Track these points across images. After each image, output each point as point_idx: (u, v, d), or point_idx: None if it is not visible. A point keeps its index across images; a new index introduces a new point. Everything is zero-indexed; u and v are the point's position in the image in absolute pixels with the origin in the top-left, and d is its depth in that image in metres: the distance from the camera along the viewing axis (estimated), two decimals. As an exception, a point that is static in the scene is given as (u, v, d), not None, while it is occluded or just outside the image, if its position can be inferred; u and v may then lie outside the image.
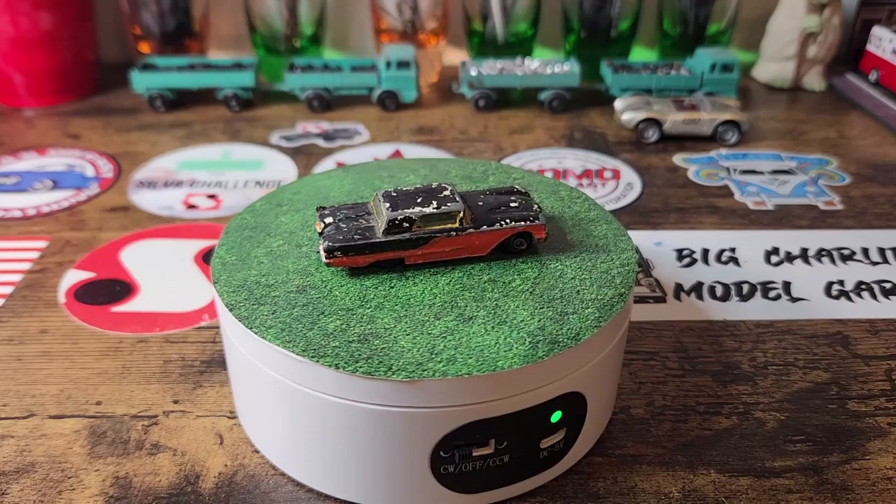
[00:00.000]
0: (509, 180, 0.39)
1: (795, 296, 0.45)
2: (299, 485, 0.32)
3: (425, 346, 0.28)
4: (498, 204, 0.33)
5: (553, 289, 0.30)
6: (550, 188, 0.39)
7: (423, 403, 0.27)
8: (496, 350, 0.27)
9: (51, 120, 0.70)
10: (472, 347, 0.28)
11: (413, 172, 0.40)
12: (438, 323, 0.29)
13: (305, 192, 0.38)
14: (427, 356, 0.27)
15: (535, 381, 0.28)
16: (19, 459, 0.33)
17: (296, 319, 0.29)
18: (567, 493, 0.31)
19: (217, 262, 0.33)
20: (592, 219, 0.36)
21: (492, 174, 0.40)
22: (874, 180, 0.59)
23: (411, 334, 0.28)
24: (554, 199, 0.38)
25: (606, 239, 0.34)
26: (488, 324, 0.29)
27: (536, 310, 0.29)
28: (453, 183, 0.36)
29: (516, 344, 0.28)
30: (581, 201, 0.38)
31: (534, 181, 0.40)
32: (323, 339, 0.28)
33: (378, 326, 0.29)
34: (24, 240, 0.50)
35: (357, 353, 0.27)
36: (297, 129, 0.68)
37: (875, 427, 0.35)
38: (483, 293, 0.30)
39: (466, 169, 0.41)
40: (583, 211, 0.37)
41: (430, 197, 0.32)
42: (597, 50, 0.78)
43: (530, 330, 0.28)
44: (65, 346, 0.40)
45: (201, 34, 0.78)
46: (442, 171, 0.40)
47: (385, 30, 0.77)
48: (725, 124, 0.65)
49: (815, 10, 0.75)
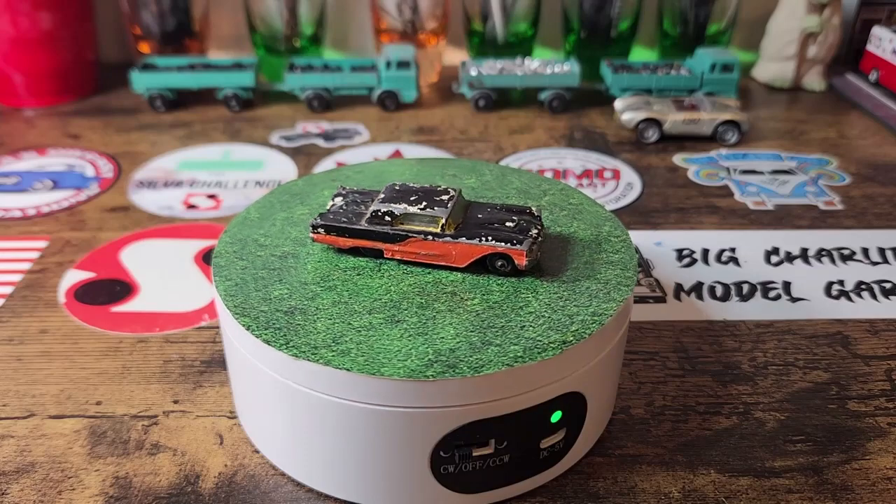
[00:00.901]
0: (565, 202, 0.37)
1: (795, 296, 0.45)
2: (299, 485, 0.32)
3: (334, 333, 0.28)
4: (495, 220, 0.32)
5: (502, 317, 0.29)
6: (591, 218, 0.37)
7: (423, 403, 0.27)
8: (389, 356, 0.27)
9: (51, 120, 0.70)
10: (370, 346, 0.28)
11: (478, 176, 0.40)
12: (367, 318, 0.29)
13: (367, 172, 0.41)
14: (327, 343, 0.28)
15: (535, 382, 0.28)
16: (19, 459, 0.33)
17: (255, 279, 0.31)
18: (567, 493, 0.31)
19: (240, 217, 0.36)
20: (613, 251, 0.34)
21: (550, 193, 0.38)
22: (874, 180, 0.59)
23: (333, 320, 0.29)
24: (585, 225, 0.36)
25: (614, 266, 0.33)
26: (408, 332, 0.28)
27: (465, 332, 0.28)
28: (459, 188, 0.34)
29: (413, 357, 0.27)
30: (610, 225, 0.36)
31: (585, 206, 0.37)
32: (259, 301, 0.30)
33: (312, 305, 0.30)
34: (24, 240, 0.50)
35: (274, 322, 0.29)
36: (297, 129, 0.68)
37: (875, 427, 0.35)
38: (433, 302, 0.30)
39: (529, 183, 0.39)
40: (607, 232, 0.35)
41: (425, 197, 0.32)
42: (597, 50, 0.78)
43: (439, 349, 0.27)
44: (65, 346, 0.40)
45: (201, 34, 0.78)
46: (507, 181, 0.39)
47: (385, 30, 0.77)
48: (725, 124, 0.65)
49: (815, 10, 0.75)
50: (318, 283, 0.31)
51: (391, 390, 0.27)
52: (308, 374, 0.27)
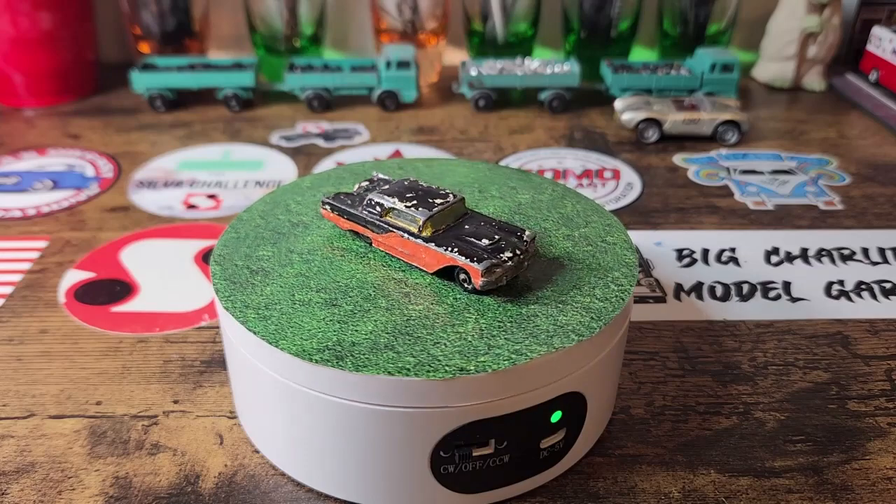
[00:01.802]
0: (598, 238, 0.35)
1: (795, 296, 0.45)
2: (299, 485, 0.32)
3: (272, 300, 0.30)
4: (480, 234, 0.31)
5: (424, 329, 0.29)
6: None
7: (423, 403, 0.27)
8: (295, 332, 0.28)
9: (51, 120, 0.70)
10: (289, 320, 0.29)
11: (536, 193, 0.38)
12: (311, 294, 0.31)
13: (434, 168, 0.41)
14: (259, 306, 0.30)
15: (535, 382, 0.28)
16: (19, 459, 0.33)
17: (257, 236, 0.34)
18: (567, 493, 0.31)
19: (289, 185, 0.39)
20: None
21: (592, 225, 0.35)
22: (874, 180, 0.59)
23: (283, 288, 0.31)
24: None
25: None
26: (333, 316, 0.29)
27: (377, 331, 0.28)
28: (461, 195, 0.33)
29: (314, 340, 0.28)
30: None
31: (617, 249, 0.34)
32: (241, 257, 0.33)
33: (280, 271, 0.32)
34: (24, 240, 0.50)
35: (235, 276, 0.31)
36: (297, 129, 0.68)
37: (875, 427, 0.35)
38: (379, 297, 0.30)
39: (579, 210, 0.37)
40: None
41: (421, 197, 0.32)
42: (597, 50, 0.78)
43: (342, 339, 0.28)
44: (65, 346, 0.40)
45: (201, 34, 0.78)
46: (560, 203, 0.37)
47: (385, 30, 0.77)
48: (725, 124, 0.65)
49: (815, 10, 0.75)
50: (302, 254, 0.33)
51: (392, 390, 0.27)
52: (308, 374, 0.27)
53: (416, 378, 0.26)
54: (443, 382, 0.26)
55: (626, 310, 0.31)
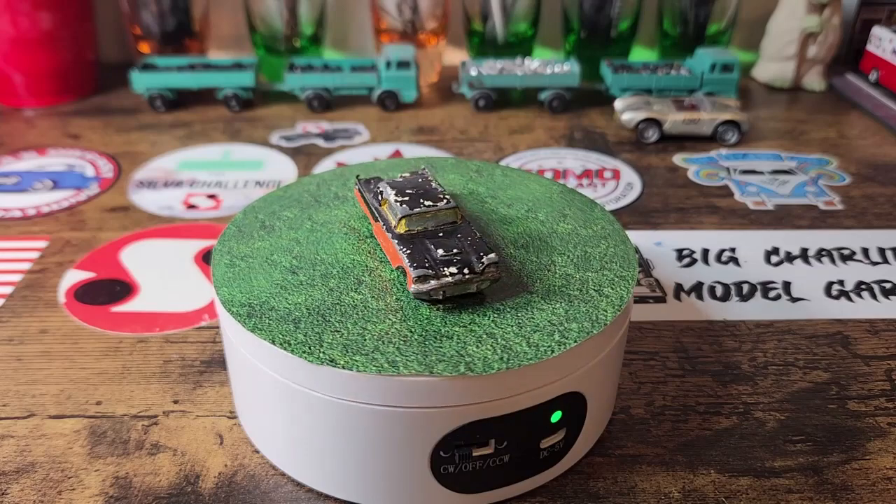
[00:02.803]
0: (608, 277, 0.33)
1: (795, 296, 0.45)
2: (299, 485, 0.32)
3: (249, 254, 0.33)
4: (441, 244, 0.30)
5: (341, 316, 0.29)
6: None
7: (423, 403, 0.27)
8: (242, 286, 0.31)
9: (51, 120, 0.70)
10: (247, 276, 0.32)
11: (583, 225, 0.36)
12: (284, 257, 0.33)
13: (509, 178, 0.40)
14: (233, 258, 0.33)
15: (535, 381, 0.28)
16: (19, 459, 0.33)
17: (282, 203, 0.37)
18: (567, 493, 0.31)
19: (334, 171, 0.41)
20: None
21: (605, 269, 0.33)
22: (874, 180, 0.59)
23: (266, 246, 0.34)
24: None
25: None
26: (284, 283, 0.31)
27: (301, 304, 0.30)
28: (455, 203, 0.32)
29: (250, 296, 0.30)
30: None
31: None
32: (265, 213, 0.36)
33: (276, 230, 0.35)
34: (24, 240, 0.50)
35: (246, 227, 0.35)
36: (297, 129, 0.68)
37: (875, 427, 0.35)
38: (332, 278, 0.31)
39: (598, 251, 0.34)
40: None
41: (416, 195, 0.32)
42: (597, 50, 0.78)
43: (266, 301, 0.30)
44: (65, 346, 0.40)
45: (201, 34, 0.78)
46: (602, 243, 0.34)
47: (385, 30, 0.77)
48: (725, 124, 0.65)
49: (815, 10, 0.75)
50: (315, 222, 0.35)
51: (391, 390, 0.27)
52: (308, 375, 0.27)
53: (416, 378, 0.26)
54: (443, 382, 0.26)
55: (626, 310, 0.31)
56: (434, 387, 0.27)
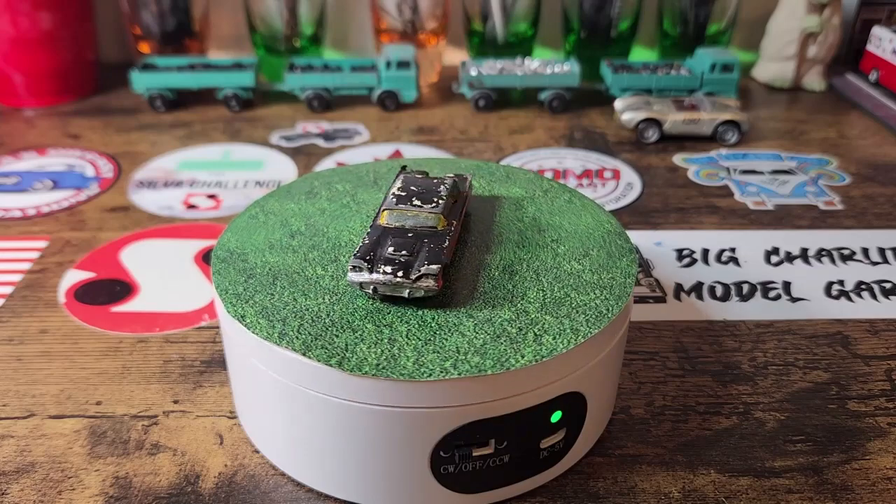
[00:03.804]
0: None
1: (795, 296, 0.45)
2: (299, 485, 0.32)
3: (270, 209, 0.36)
4: (399, 244, 0.30)
5: (288, 286, 0.31)
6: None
7: (423, 403, 0.27)
8: (243, 236, 0.34)
9: (51, 120, 0.70)
10: (254, 228, 0.35)
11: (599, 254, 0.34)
12: (293, 221, 0.35)
13: (571, 203, 0.38)
14: (241, 223, 0.35)
15: (535, 382, 0.28)
16: (19, 459, 0.33)
17: (327, 176, 0.40)
18: (567, 493, 0.31)
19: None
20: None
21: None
22: (874, 180, 0.59)
23: (288, 210, 0.36)
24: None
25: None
26: (274, 241, 0.34)
27: (268, 264, 0.32)
28: (441, 212, 0.32)
29: (237, 243, 0.34)
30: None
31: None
32: (306, 181, 0.38)
33: (306, 198, 0.37)
34: (24, 240, 0.50)
35: (292, 190, 0.38)
36: (297, 129, 0.68)
37: (875, 427, 0.35)
38: (315, 249, 0.33)
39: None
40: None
41: (412, 193, 0.33)
42: (597, 50, 0.78)
43: (245, 253, 0.33)
44: (65, 346, 0.40)
45: (201, 34, 0.78)
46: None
47: (385, 30, 0.77)
48: (725, 124, 0.65)
49: (815, 10, 0.75)
50: (348, 198, 0.37)
51: (392, 390, 0.27)
52: (308, 374, 0.27)
53: (416, 379, 0.26)
54: (442, 383, 0.26)
55: (626, 310, 0.31)
56: (434, 387, 0.27)
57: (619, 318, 0.30)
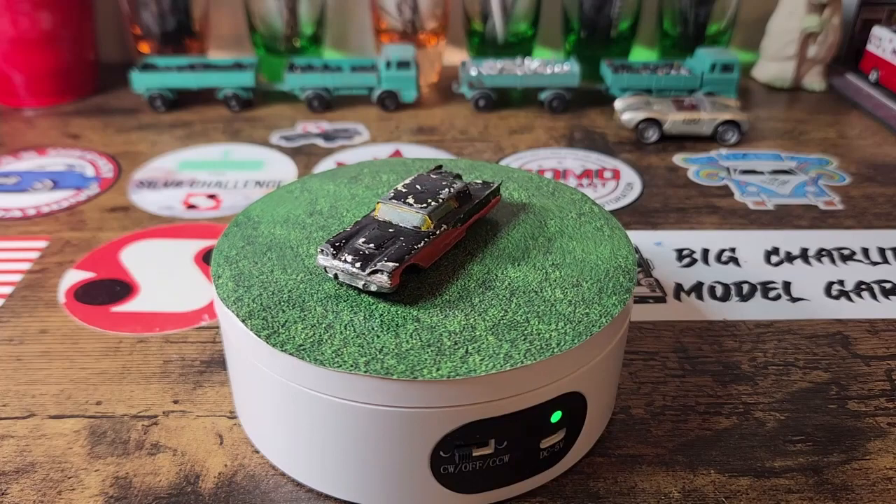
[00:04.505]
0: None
1: (795, 296, 0.45)
2: (299, 485, 0.32)
3: (289, 198, 0.37)
4: (375, 237, 0.31)
5: (276, 251, 0.33)
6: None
7: (423, 403, 0.27)
8: (266, 207, 0.36)
9: (51, 120, 0.70)
10: (274, 207, 0.36)
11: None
12: (315, 201, 0.37)
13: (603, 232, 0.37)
14: (277, 196, 0.38)
15: (535, 382, 0.28)
16: (19, 459, 0.33)
17: (379, 165, 0.41)
18: (567, 493, 0.31)
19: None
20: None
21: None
22: (874, 180, 0.59)
23: (305, 201, 0.37)
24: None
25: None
26: (288, 218, 0.36)
27: (274, 241, 0.34)
28: (422, 215, 0.32)
29: (258, 213, 0.36)
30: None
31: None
32: (344, 174, 0.40)
33: (327, 187, 0.38)
34: (24, 240, 0.50)
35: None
36: (297, 129, 0.68)
37: (875, 427, 0.35)
38: (321, 229, 0.35)
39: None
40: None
41: (412, 192, 0.33)
42: (597, 50, 0.78)
43: (258, 223, 0.35)
44: (65, 346, 0.40)
45: (201, 34, 0.78)
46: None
47: (385, 30, 0.77)
48: (725, 124, 0.65)
49: (815, 9, 0.75)
50: (386, 188, 0.38)
51: (391, 390, 0.27)
52: (309, 374, 0.27)
53: (416, 379, 0.26)
54: (443, 382, 0.26)
55: (626, 310, 0.31)
56: (434, 387, 0.27)
57: (618, 317, 0.30)
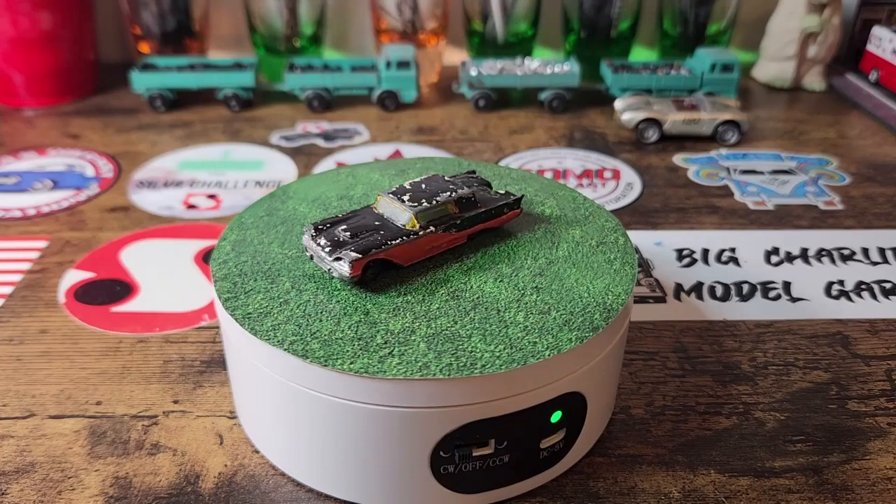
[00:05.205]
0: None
1: (795, 296, 0.45)
2: (299, 485, 0.32)
3: (316, 184, 0.39)
4: (360, 226, 0.32)
5: (281, 228, 0.35)
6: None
7: (423, 403, 0.27)
8: (293, 194, 0.38)
9: (51, 120, 0.70)
10: (299, 191, 0.38)
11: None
12: (320, 197, 0.38)
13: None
14: (308, 180, 0.40)
15: (535, 381, 0.28)
16: (19, 459, 0.33)
17: (419, 164, 0.42)
18: (567, 493, 0.31)
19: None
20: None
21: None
22: (874, 180, 0.59)
23: (328, 188, 0.39)
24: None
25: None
26: (293, 201, 0.37)
27: (279, 217, 0.36)
28: (411, 214, 0.32)
29: (272, 193, 0.40)
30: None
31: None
32: (381, 168, 0.41)
33: (363, 177, 0.40)
34: (24, 240, 0.50)
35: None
36: (297, 129, 0.68)
37: (875, 427, 0.35)
38: (323, 216, 0.36)
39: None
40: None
41: (418, 192, 0.33)
42: (597, 50, 0.78)
43: (273, 215, 0.36)
44: (65, 346, 0.40)
45: (201, 34, 0.78)
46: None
47: (385, 30, 0.77)
48: (725, 124, 0.65)
49: (815, 9, 0.75)
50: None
51: (391, 390, 0.27)
52: (309, 375, 0.27)
53: (416, 379, 0.26)
54: (443, 382, 0.26)
55: (626, 310, 0.31)
56: (434, 387, 0.27)
57: (618, 317, 0.30)
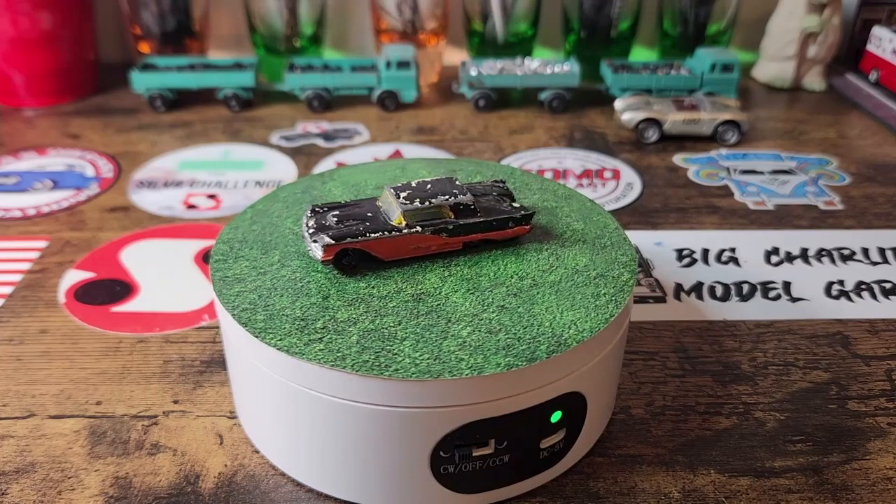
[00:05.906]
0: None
1: (795, 296, 0.45)
2: (299, 485, 0.32)
3: (341, 174, 0.41)
4: (352, 215, 0.33)
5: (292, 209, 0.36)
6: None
7: (423, 403, 0.27)
8: (304, 188, 0.39)
9: (51, 120, 0.70)
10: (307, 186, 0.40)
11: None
12: (332, 192, 0.39)
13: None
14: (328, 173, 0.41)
15: (535, 381, 0.28)
16: (19, 459, 0.33)
17: (445, 164, 0.43)
18: (567, 493, 0.31)
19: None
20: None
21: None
22: (874, 180, 0.59)
23: (344, 183, 0.40)
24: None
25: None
26: (305, 185, 0.39)
27: (283, 199, 0.39)
28: (403, 217, 0.32)
29: (291, 183, 0.40)
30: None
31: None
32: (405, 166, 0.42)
33: (379, 171, 0.41)
34: (24, 240, 0.50)
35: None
36: (297, 129, 0.68)
37: (875, 427, 0.35)
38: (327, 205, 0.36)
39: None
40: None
41: (420, 191, 0.33)
42: (597, 50, 0.78)
43: (290, 199, 0.38)
44: (65, 346, 0.40)
45: (201, 34, 0.78)
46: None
47: (385, 30, 0.77)
48: (725, 124, 0.65)
49: (815, 9, 0.75)
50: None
51: (391, 390, 0.27)
52: (309, 375, 0.27)
53: (416, 379, 0.26)
54: (443, 382, 0.26)
55: (626, 310, 0.31)
56: (434, 387, 0.27)
57: (618, 317, 0.30)
